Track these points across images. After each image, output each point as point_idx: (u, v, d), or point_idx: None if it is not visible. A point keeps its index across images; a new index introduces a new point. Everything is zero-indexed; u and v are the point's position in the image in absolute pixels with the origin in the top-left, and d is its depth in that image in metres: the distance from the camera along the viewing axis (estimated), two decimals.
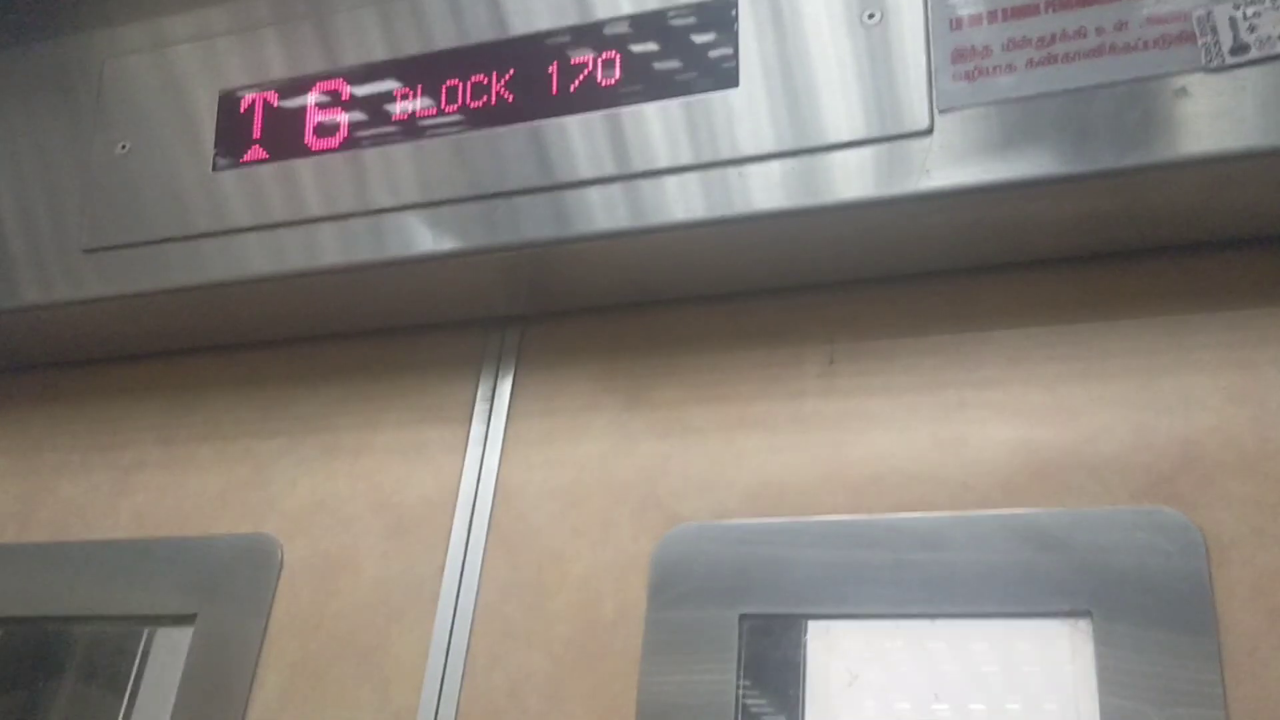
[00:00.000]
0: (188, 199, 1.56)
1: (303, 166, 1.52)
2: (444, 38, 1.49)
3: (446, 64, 1.48)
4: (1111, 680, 1.10)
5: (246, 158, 1.55)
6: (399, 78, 1.50)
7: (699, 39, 1.37)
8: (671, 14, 1.39)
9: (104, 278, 1.59)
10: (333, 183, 1.49)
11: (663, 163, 1.34)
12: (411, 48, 1.50)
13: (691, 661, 1.25)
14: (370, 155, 1.48)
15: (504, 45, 1.45)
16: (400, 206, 1.45)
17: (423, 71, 1.49)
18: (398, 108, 1.49)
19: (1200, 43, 1.16)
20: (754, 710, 1.21)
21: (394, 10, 1.52)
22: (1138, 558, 1.14)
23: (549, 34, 1.44)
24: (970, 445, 1.27)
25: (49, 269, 1.63)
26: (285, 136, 1.54)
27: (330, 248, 1.48)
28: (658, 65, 1.38)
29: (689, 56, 1.37)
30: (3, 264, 1.65)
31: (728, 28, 1.35)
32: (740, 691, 1.21)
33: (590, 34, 1.42)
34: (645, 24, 1.40)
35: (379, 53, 1.52)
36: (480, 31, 1.47)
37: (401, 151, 1.47)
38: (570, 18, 1.43)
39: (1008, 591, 1.17)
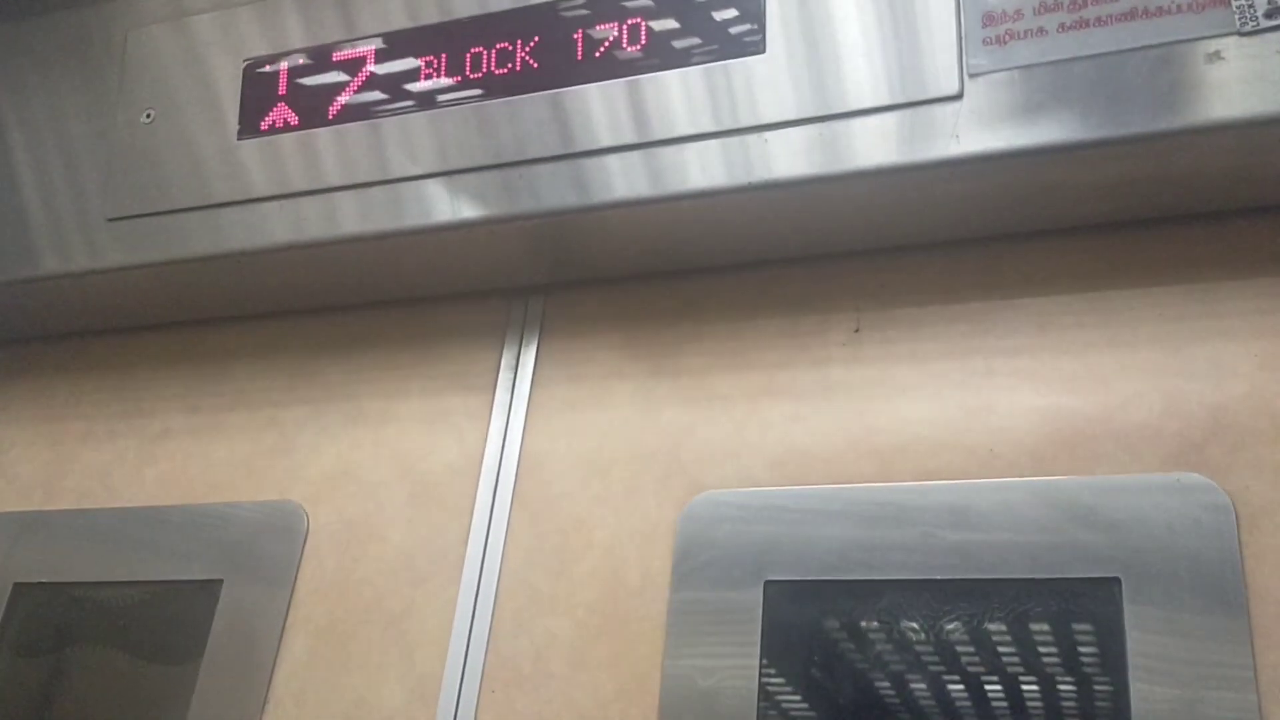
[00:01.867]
0: (210, 168, 1.56)
1: (326, 136, 1.51)
2: (467, 5, 1.49)
3: (471, 32, 1.48)
4: (1140, 645, 1.09)
5: (270, 127, 1.55)
6: (423, 46, 1.50)
7: (725, 6, 1.36)
8: None
9: (127, 247, 1.59)
10: (355, 152, 1.49)
11: (686, 130, 1.34)
12: (434, 16, 1.50)
13: (715, 627, 1.25)
14: (392, 124, 1.48)
15: (529, 11, 1.45)
16: (421, 175, 1.46)
17: (447, 40, 1.48)
18: (421, 76, 1.48)
19: (1234, 6, 1.15)
20: (777, 676, 1.21)
21: None
22: (1167, 525, 1.13)
23: (574, 1, 1.43)
24: (998, 413, 1.26)
25: (72, 239, 1.63)
26: (309, 106, 1.54)
27: (352, 217, 1.48)
28: (683, 33, 1.37)
29: (715, 23, 1.36)
30: (27, 234, 1.65)
31: None
32: (763, 657, 1.21)
33: (616, 1, 1.41)
34: None
35: (402, 21, 1.52)
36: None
37: (423, 120, 1.47)
38: None
39: (1036, 558, 1.16)
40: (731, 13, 1.35)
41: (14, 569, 1.62)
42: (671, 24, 1.38)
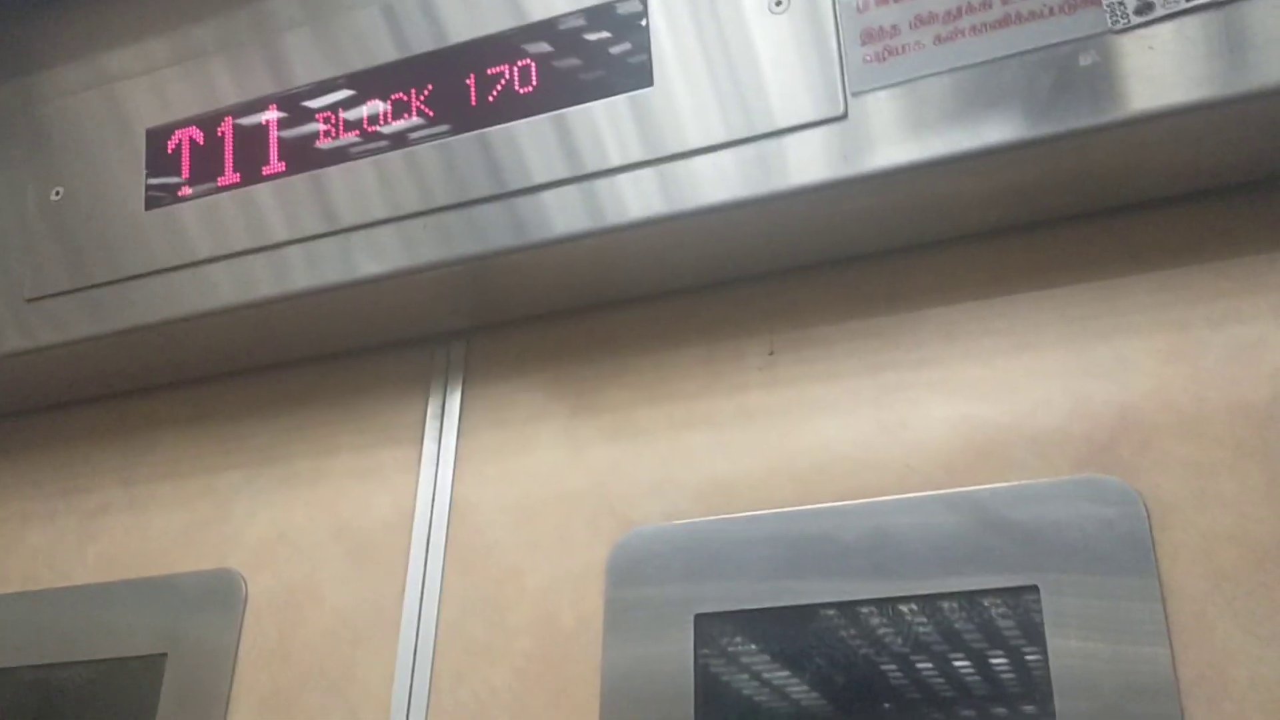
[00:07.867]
0: (122, 241, 1.56)
1: (235, 198, 1.51)
2: (358, 58, 1.49)
3: (363, 83, 1.47)
4: (1062, 652, 1.09)
5: (177, 194, 1.55)
6: (315, 103, 1.49)
7: (611, 40, 1.36)
8: (582, 17, 1.38)
9: (48, 326, 1.59)
10: (268, 211, 1.49)
11: (590, 167, 1.34)
12: (323, 72, 1.49)
13: (650, 665, 1.25)
14: (301, 181, 1.48)
15: (418, 60, 1.45)
16: (334, 231, 1.45)
17: (340, 93, 1.48)
18: (322, 133, 1.48)
19: (1105, 5, 1.15)
20: (713, 707, 1.21)
21: (296, 40, 1.52)
22: (1080, 528, 1.14)
23: (463, 46, 1.43)
24: (911, 427, 1.26)
25: None
26: (214, 170, 1.54)
27: (272, 276, 1.48)
28: (573, 70, 1.37)
29: (602, 59, 1.36)
30: None
31: (639, 27, 1.34)
32: (698, 690, 1.21)
33: (503, 43, 1.41)
34: (557, 29, 1.39)
35: (287, 81, 1.52)
36: (388, 50, 1.46)
37: (328, 175, 1.46)
38: (485, 28, 1.42)
39: (954, 570, 1.16)
40: (617, 47, 1.35)
41: None
42: (560, 63, 1.38)
